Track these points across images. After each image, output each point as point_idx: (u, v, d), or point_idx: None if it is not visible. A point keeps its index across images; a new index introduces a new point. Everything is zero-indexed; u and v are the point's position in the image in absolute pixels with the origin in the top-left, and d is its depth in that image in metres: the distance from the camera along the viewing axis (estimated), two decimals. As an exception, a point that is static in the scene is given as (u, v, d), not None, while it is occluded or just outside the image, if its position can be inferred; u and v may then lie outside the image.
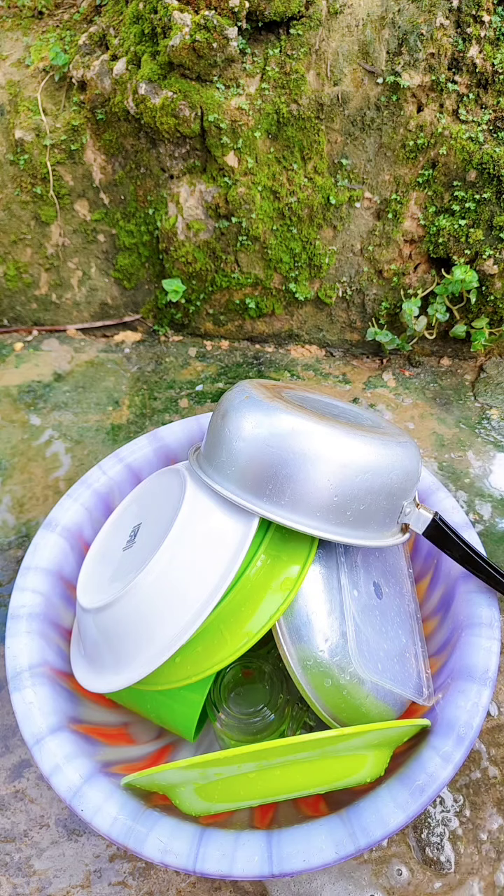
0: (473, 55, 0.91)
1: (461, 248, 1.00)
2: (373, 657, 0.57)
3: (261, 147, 1.00)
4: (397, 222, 1.03)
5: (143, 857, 0.50)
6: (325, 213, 1.04)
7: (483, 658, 0.57)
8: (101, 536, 0.67)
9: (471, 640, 0.59)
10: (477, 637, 0.59)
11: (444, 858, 0.65)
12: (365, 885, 0.64)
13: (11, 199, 1.13)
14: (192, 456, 0.63)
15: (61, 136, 1.07)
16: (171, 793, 0.54)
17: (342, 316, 1.13)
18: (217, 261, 1.10)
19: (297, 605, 0.56)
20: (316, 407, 0.60)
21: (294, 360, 1.16)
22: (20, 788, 0.71)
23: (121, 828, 0.51)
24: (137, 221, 1.12)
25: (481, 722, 0.54)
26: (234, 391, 0.59)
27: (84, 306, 1.22)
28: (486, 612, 0.60)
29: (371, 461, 0.54)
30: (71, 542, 0.71)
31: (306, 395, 0.65)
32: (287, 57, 0.96)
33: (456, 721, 0.54)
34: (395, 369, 1.14)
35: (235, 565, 0.53)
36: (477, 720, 0.54)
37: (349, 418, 0.61)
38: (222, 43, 0.92)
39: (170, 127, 0.98)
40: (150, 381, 1.14)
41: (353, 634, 0.56)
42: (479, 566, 0.60)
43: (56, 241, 1.16)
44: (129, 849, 0.50)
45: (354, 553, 0.61)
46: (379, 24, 0.92)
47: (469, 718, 0.54)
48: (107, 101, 1.03)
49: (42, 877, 0.65)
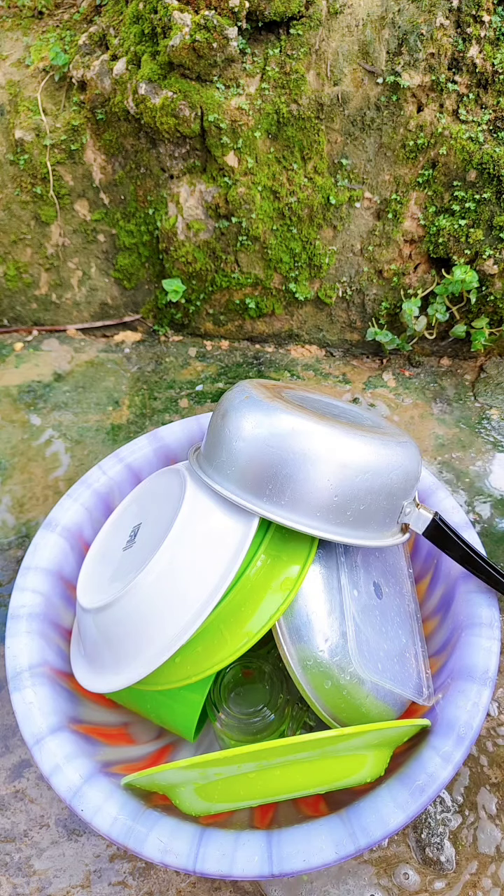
0: (473, 55, 0.91)
1: (461, 248, 1.00)
2: (373, 657, 0.57)
3: (261, 147, 1.00)
4: (397, 222, 1.03)
5: (143, 858, 0.50)
6: (325, 213, 1.04)
7: (483, 658, 0.57)
8: (100, 536, 0.67)
9: (471, 641, 0.59)
10: (477, 637, 0.59)
11: (445, 858, 0.65)
12: (365, 885, 0.64)
13: (11, 199, 1.13)
14: (192, 456, 0.63)
15: (61, 136, 1.07)
16: (172, 793, 0.54)
17: (342, 316, 1.14)
18: (217, 261, 1.10)
19: (297, 604, 0.56)
20: (316, 407, 0.60)
21: (294, 360, 1.16)
22: (20, 788, 0.71)
23: (121, 828, 0.51)
24: (137, 221, 1.12)
25: (481, 722, 0.54)
26: (234, 391, 0.59)
27: (84, 306, 1.22)
28: (486, 612, 0.60)
29: (371, 461, 0.54)
30: (71, 542, 0.71)
31: (306, 395, 0.65)
32: (287, 57, 0.96)
33: (456, 721, 0.54)
34: (395, 369, 1.14)
35: (235, 565, 0.53)
36: (477, 720, 0.54)
37: (349, 418, 0.61)
38: (222, 43, 0.92)
39: (170, 127, 0.98)
40: (150, 381, 1.14)
41: (353, 634, 0.56)
42: (479, 566, 0.60)
43: (56, 241, 1.16)
44: (129, 849, 0.50)
45: (354, 553, 0.61)
46: (379, 24, 0.92)
47: (469, 718, 0.54)
48: (107, 101, 1.03)
49: (42, 877, 0.65)
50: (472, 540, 0.66)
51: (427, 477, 0.71)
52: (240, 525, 0.55)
